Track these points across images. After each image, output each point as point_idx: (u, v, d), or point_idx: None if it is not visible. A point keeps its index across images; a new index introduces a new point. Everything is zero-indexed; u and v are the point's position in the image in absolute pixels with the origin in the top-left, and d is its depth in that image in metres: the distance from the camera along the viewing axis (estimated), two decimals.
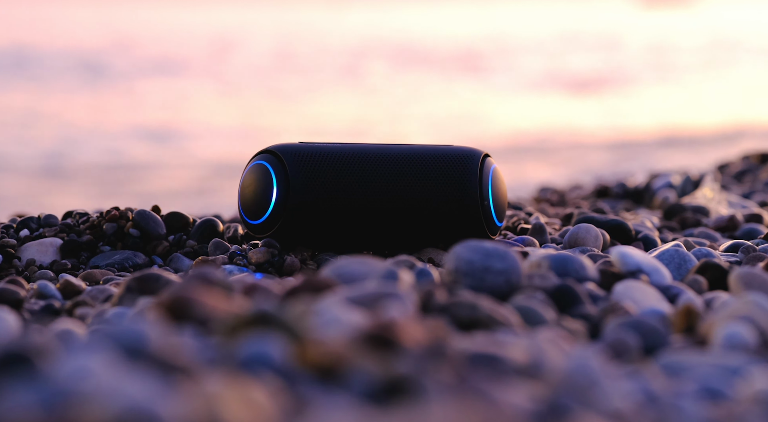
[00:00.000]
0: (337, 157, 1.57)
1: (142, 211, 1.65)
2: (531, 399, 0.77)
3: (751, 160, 3.27)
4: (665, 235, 1.93)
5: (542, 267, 1.20)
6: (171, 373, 0.75)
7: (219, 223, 1.68)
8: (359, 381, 0.78)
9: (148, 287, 1.21)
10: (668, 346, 1.02)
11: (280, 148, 1.58)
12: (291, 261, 1.55)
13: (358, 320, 0.89)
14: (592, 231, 1.65)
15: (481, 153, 1.63)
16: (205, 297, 0.94)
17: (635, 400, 0.82)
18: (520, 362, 0.85)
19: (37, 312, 1.29)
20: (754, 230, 1.97)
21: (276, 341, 0.82)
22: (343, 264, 1.11)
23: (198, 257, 1.60)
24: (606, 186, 2.71)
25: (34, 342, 0.75)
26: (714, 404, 0.85)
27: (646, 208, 2.47)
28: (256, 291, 1.06)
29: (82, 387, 0.69)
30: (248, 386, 0.73)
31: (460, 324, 1.00)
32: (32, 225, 1.67)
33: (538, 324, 1.04)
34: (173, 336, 0.82)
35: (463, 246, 1.13)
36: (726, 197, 2.36)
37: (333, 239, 1.59)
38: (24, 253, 1.61)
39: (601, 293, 1.16)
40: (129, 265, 1.59)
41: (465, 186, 1.59)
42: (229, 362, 0.80)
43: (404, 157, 1.59)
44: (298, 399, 0.75)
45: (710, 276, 1.31)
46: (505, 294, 1.11)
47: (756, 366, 0.92)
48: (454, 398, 0.75)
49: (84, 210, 1.70)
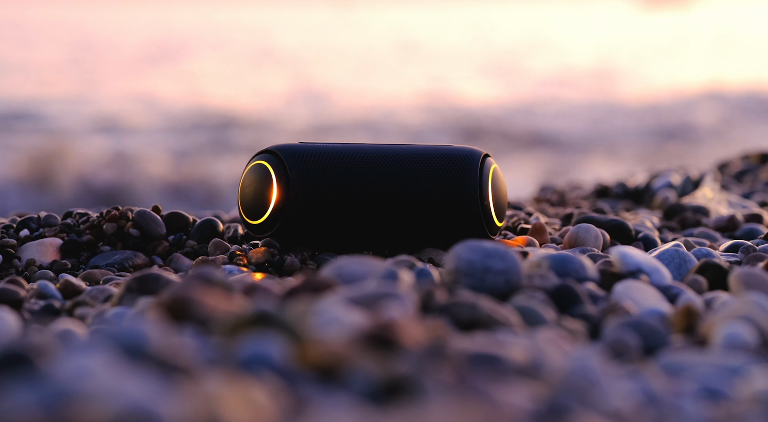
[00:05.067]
0: (337, 158, 1.57)
1: (142, 211, 1.65)
2: (531, 399, 0.77)
3: (751, 159, 3.27)
4: (665, 235, 1.93)
5: (542, 267, 1.20)
6: (171, 373, 0.75)
7: (219, 223, 1.68)
8: (359, 381, 0.78)
9: (148, 287, 1.21)
10: (668, 346, 1.02)
11: (280, 148, 1.58)
12: (291, 261, 1.55)
13: (358, 320, 0.89)
14: (592, 231, 1.65)
15: (481, 153, 1.63)
16: (205, 297, 0.94)
17: (635, 400, 0.82)
18: (520, 362, 0.85)
19: (37, 312, 1.29)
20: (754, 230, 1.97)
21: (276, 341, 0.82)
22: (343, 264, 1.11)
23: (198, 257, 1.60)
24: (606, 186, 2.71)
25: (34, 342, 0.75)
26: (714, 404, 0.85)
27: (646, 208, 2.47)
28: (256, 291, 1.06)
29: (82, 387, 0.69)
30: (248, 386, 0.73)
31: (460, 324, 1.00)
32: (32, 225, 1.67)
33: (538, 324, 1.04)
34: (173, 336, 0.82)
35: (463, 246, 1.13)
36: (726, 197, 2.36)
37: (333, 239, 1.59)
38: (24, 253, 1.61)
39: (601, 293, 1.16)
40: (129, 265, 1.59)
41: (465, 186, 1.59)
42: (229, 362, 0.80)
43: (404, 157, 1.59)
44: (298, 399, 0.75)
45: (710, 276, 1.31)
46: (505, 294, 1.11)
47: (756, 366, 0.92)
48: (454, 398, 0.75)
49: (84, 210, 1.70)
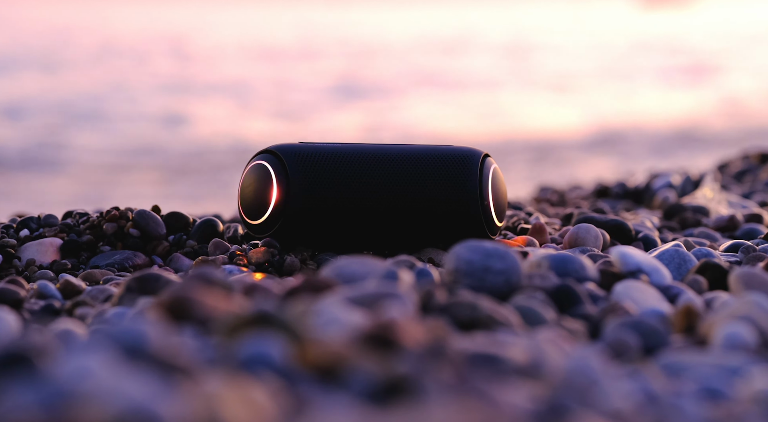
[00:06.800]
0: (337, 157, 1.57)
1: (142, 211, 1.65)
2: (531, 399, 0.77)
3: (751, 159, 3.27)
4: (665, 235, 1.93)
5: (542, 267, 1.20)
6: (171, 373, 0.75)
7: (219, 223, 1.68)
8: (359, 381, 0.78)
9: (148, 287, 1.21)
10: (668, 346, 1.02)
11: (280, 148, 1.58)
12: (291, 261, 1.55)
13: (358, 320, 0.89)
14: (592, 231, 1.65)
15: (481, 153, 1.63)
16: (205, 297, 0.94)
17: (635, 400, 0.82)
18: (520, 362, 0.85)
19: (37, 312, 1.29)
20: (754, 230, 1.97)
21: (276, 341, 0.82)
22: (343, 264, 1.11)
23: (198, 257, 1.60)
24: (606, 186, 2.71)
25: (34, 342, 0.75)
26: (714, 404, 0.85)
27: (646, 208, 2.47)
28: (256, 291, 1.06)
29: (82, 387, 0.69)
30: (248, 386, 0.73)
31: (460, 324, 1.00)
32: (32, 225, 1.67)
33: (538, 324, 1.04)
34: (173, 336, 0.82)
35: (463, 246, 1.13)
36: (726, 197, 2.36)
37: (333, 239, 1.59)
38: (24, 253, 1.61)
39: (601, 293, 1.16)
40: (129, 265, 1.59)
41: (465, 186, 1.59)
42: (229, 362, 0.80)
43: (404, 157, 1.59)
44: (298, 399, 0.75)
45: (710, 276, 1.31)
46: (505, 294, 1.11)
47: (756, 366, 0.92)
48: (454, 398, 0.75)
49: (84, 210, 1.70)
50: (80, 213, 1.69)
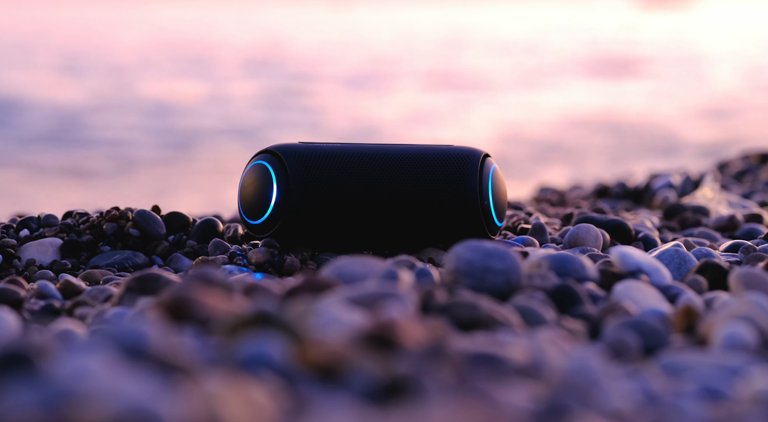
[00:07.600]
0: (337, 157, 1.57)
1: (142, 211, 1.65)
2: (531, 399, 0.77)
3: (751, 160, 3.27)
4: (665, 235, 1.93)
5: (542, 267, 1.20)
6: (171, 373, 0.75)
7: (219, 223, 1.68)
8: (359, 381, 0.78)
9: (148, 287, 1.21)
10: (668, 346, 1.02)
11: (280, 148, 1.58)
12: (291, 261, 1.55)
13: (358, 320, 0.89)
14: (592, 231, 1.65)
15: (481, 153, 1.63)
16: (205, 297, 0.94)
17: (635, 400, 0.82)
18: (520, 362, 0.85)
19: (37, 312, 1.29)
20: (754, 230, 1.97)
21: (276, 341, 0.82)
22: (343, 264, 1.11)
23: (198, 257, 1.60)
24: (606, 186, 2.71)
25: (34, 342, 0.75)
26: (714, 404, 0.85)
27: (646, 208, 2.47)
28: (256, 291, 1.06)
29: (82, 387, 0.69)
30: (248, 386, 0.73)
31: (460, 324, 1.00)
32: (32, 225, 1.67)
33: (538, 324, 1.04)
34: (173, 336, 0.82)
35: (463, 246, 1.13)
36: (726, 197, 2.36)
37: (333, 239, 1.59)
38: (24, 253, 1.61)
39: (601, 293, 1.16)
40: (129, 265, 1.59)
41: (465, 186, 1.59)
42: (229, 362, 0.80)
43: (404, 157, 1.59)
44: (298, 399, 0.75)
45: (710, 276, 1.31)
46: (505, 294, 1.11)
47: (756, 366, 0.92)
48: (454, 398, 0.75)
49: (84, 210, 1.70)
50: (80, 214, 1.69)
